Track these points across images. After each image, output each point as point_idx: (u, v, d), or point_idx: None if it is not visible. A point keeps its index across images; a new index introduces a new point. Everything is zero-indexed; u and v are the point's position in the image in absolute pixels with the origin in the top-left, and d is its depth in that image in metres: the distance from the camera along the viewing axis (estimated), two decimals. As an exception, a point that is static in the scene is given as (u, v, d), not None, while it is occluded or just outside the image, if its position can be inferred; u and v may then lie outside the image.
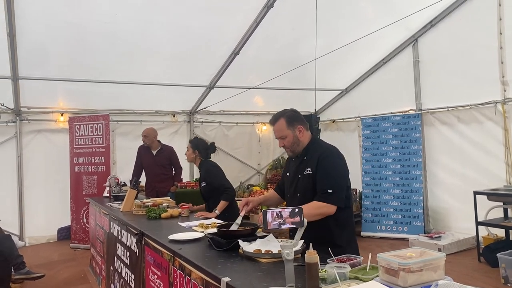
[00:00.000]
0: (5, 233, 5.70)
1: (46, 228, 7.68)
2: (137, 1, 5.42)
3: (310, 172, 2.62)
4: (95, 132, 7.31)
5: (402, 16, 5.57)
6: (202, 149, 4.38)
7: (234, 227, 2.69)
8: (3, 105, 7.11)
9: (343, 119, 9.13)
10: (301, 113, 2.84)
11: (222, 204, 3.93)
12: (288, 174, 2.88)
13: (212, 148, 4.46)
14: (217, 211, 3.84)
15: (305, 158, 2.71)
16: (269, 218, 1.76)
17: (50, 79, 6.80)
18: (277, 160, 9.51)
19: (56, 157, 7.64)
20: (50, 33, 5.75)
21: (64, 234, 7.74)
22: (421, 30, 7.07)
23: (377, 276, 1.71)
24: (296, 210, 1.78)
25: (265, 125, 9.66)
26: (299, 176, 2.71)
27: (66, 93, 7.51)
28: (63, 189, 7.49)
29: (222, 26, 6.18)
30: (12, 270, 4.93)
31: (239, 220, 2.72)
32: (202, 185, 4.30)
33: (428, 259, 1.59)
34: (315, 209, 2.48)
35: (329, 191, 2.49)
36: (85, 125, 7.37)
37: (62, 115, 7.75)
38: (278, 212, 1.77)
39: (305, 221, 1.80)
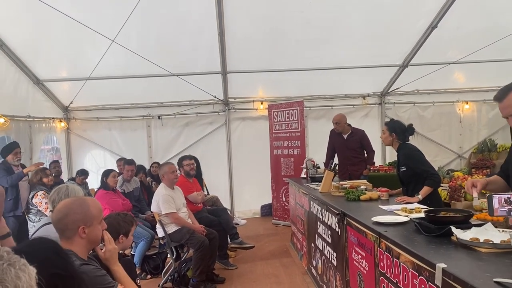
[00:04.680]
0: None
1: (251, 204, 8.71)
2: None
3: None
4: (291, 118, 7.80)
5: None
6: (399, 131, 4.17)
7: (475, 201, 2.49)
8: (215, 97, 8.25)
9: None
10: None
11: (426, 190, 3.70)
12: None
13: (410, 130, 4.21)
14: (420, 196, 3.66)
15: None
16: (496, 204, 1.60)
17: (251, 71, 7.55)
18: (484, 143, 8.38)
19: (257, 142, 8.47)
20: (251, 29, 6.34)
21: (266, 210, 8.60)
22: None
23: None
24: (531, 196, 1.57)
25: (467, 103, 8.67)
26: None
27: (264, 82, 8.24)
28: (264, 170, 8.27)
29: (418, -1, 5.79)
30: (229, 240, 5.74)
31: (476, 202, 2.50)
32: (402, 169, 4.12)
33: None
34: None
35: None
36: (282, 112, 7.95)
37: (261, 103, 8.55)
38: (506, 198, 1.59)
39: (543, 209, 1.57)
